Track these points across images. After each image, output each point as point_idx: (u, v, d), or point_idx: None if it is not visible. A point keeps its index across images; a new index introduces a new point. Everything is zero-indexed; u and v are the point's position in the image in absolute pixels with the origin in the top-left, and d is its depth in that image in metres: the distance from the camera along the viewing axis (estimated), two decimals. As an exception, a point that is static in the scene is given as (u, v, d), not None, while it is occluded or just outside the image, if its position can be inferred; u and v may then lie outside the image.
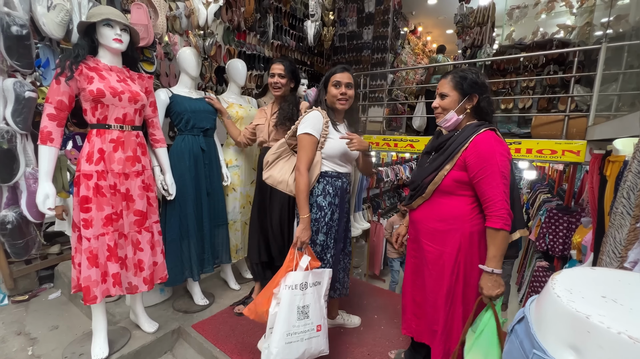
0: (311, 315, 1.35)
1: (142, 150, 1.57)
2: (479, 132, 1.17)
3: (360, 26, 5.51)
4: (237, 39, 3.25)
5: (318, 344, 1.37)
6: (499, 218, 1.10)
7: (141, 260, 1.58)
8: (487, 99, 1.22)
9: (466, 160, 1.17)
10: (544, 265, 3.59)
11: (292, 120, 1.75)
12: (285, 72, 1.83)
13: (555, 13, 4.41)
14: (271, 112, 1.92)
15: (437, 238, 1.26)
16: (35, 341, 1.90)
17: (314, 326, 1.35)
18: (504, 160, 1.13)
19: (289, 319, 1.30)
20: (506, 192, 1.11)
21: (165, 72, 2.75)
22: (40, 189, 1.37)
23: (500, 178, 1.11)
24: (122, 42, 1.46)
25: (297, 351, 1.31)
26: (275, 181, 1.54)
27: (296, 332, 1.31)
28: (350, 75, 1.49)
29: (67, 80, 1.35)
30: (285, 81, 1.84)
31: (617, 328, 0.34)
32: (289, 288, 1.31)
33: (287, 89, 1.87)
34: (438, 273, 1.27)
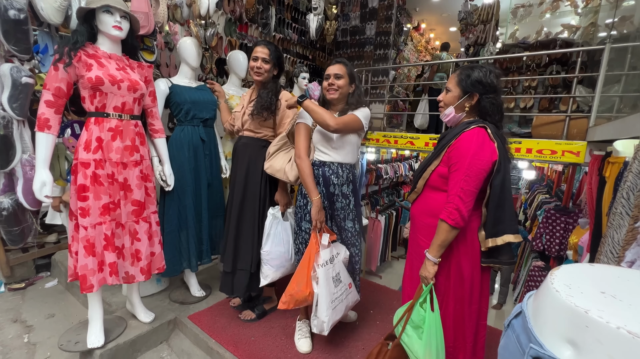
0: (343, 278, 1.58)
1: (140, 139, 1.56)
2: (467, 129, 1.17)
3: (364, 21, 5.46)
4: (239, 30, 3.22)
5: (353, 296, 1.64)
6: (445, 210, 1.15)
7: (138, 250, 1.57)
8: (491, 100, 1.19)
9: (448, 155, 1.19)
10: (540, 264, 3.61)
11: (269, 110, 1.64)
12: (270, 57, 1.66)
13: (560, 12, 4.37)
14: (249, 99, 1.76)
15: (430, 233, 1.26)
16: (32, 328, 1.91)
17: (346, 285, 1.60)
18: (475, 162, 1.12)
19: (329, 290, 1.50)
20: (464, 190, 1.12)
21: (166, 63, 2.72)
22: (37, 176, 1.36)
23: (463, 176, 1.12)
24: (122, 29, 1.44)
25: (340, 311, 1.56)
26: (274, 170, 1.63)
27: (337, 297, 1.54)
28: (342, 66, 1.52)
29: (66, 67, 1.33)
30: (269, 67, 1.68)
31: (616, 323, 0.34)
32: (322, 266, 1.48)
33: (269, 76, 1.70)
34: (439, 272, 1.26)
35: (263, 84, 1.71)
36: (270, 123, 1.71)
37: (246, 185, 1.74)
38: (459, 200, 1.12)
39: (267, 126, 1.72)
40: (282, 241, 1.70)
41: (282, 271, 1.74)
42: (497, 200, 1.16)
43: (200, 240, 1.96)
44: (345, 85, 1.52)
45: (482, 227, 1.21)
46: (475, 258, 1.23)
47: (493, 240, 1.18)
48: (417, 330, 1.19)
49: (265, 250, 1.69)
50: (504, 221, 1.17)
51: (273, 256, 1.69)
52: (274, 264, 1.70)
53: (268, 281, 1.72)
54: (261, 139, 1.74)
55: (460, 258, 1.23)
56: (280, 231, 1.70)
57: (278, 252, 1.69)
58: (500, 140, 1.17)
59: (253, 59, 1.67)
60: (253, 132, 1.73)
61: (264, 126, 1.71)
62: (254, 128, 1.72)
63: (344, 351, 1.67)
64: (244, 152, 1.75)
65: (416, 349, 1.16)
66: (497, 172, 1.14)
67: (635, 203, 1.09)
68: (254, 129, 1.72)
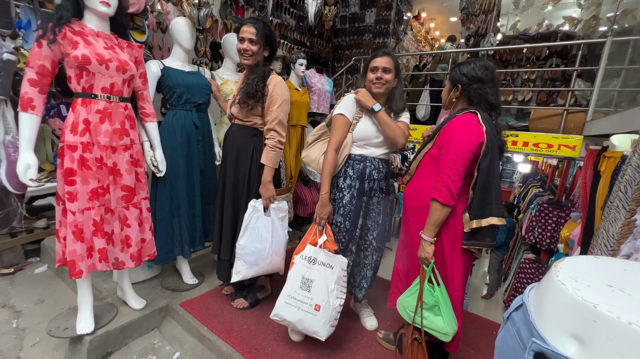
0: (312, 291, 1.43)
1: (130, 123, 1.51)
2: (459, 114, 1.24)
3: (363, 8, 5.34)
4: (235, 14, 3.12)
5: (313, 323, 1.41)
6: (436, 189, 1.20)
7: (128, 236, 1.54)
8: (475, 89, 1.25)
9: (439, 138, 1.27)
10: (531, 257, 3.66)
11: (254, 98, 1.54)
12: (257, 36, 1.51)
13: (562, 4, 4.31)
14: (240, 86, 1.66)
15: (419, 215, 1.32)
16: (20, 314, 1.88)
17: (313, 303, 1.42)
18: (462, 142, 1.17)
19: (292, 284, 1.46)
20: (452, 169, 1.17)
21: (159, 45, 2.63)
22: (21, 159, 1.30)
23: (451, 156, 1.18)
24: (110, 5, 1.37)
25: (291, 315, 1.44)
26: (310, 159, 1.64)
27: (295, 298, 1.44)
28: (390, 59, 1.47)
29: (50, 44, 1.26)
30: (257, 48, 1.53)
31: (627, 319, 0.33)
32: (300, 258, 1.47)
33: (259, 58, 1.57)
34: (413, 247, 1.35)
35: (251, 68, 1.59)
36: (259, 111, 1.62)
37: (235, 174, 1.69)
38: (448, 178, 1.18)
39: (255, 114, 1.63)
40: (259, 237, 1.60)
41: (256, 269, 1.65)
42: (483, 183, 1.20)
43: (193, 227, 1.93)
44: (392, 79, 1.49)
45: (466, 209, 1.25)
46: (457, 240, 1.27)
47: (477, 222, 1.21)
48: (432, 310, 1.24)
49: (240, 244, 1.60)
50: (490, 204, 1.21)
51: (247, 252, 1.60)
52: (248, 260, 1.61)
53: (239, 278, 1.64)
54: (250, 127, 1.66)
55: (442, 241, 1.27)
56: (260, 226, 1.61)
57: (253, 248, 1.60)
58: (491, 127, 1.21)
59: (239, 40, 1.55)
60: (242, 120, 1.66)
61: (251, 114, 1.63)
62: (242, 117, 1.65)
63: (335, 340, 1.68)
64: (232, 140, 1.69)
65: (440, 326, 1.22)
66: (485, 155, 1.19)
67: (633, 197, 1.08)
68: (242, 118, 1.65)
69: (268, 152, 1.60)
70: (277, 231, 1.67)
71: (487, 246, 1.24)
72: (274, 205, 1.67)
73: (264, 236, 1.61)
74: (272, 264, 1.69)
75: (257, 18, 1.66)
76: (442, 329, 1.21)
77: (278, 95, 1.56)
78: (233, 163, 1.69)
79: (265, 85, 1.57)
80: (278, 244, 1.68)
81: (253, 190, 1.68)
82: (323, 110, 2.97)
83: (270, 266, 1.69)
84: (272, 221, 1.64)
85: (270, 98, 1.58)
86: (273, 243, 1.64)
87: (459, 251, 1.27)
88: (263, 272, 1.70)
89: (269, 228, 1.63)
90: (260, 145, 1.66)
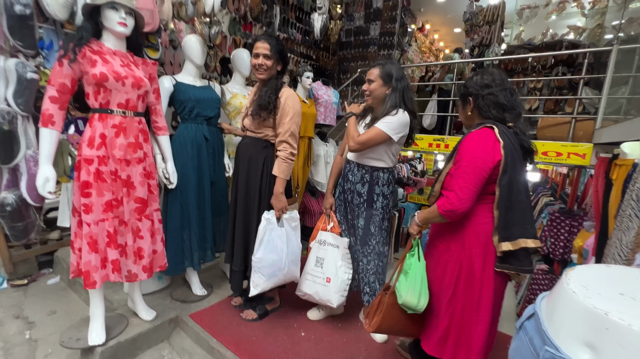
0: (324, 267, 1.73)
1: (144, 136, 1.56)
2: (474, 129, 1.20)
3: (368, 21, 5.45)
4: (243, 29, 3.22)
5: (326, 293, 1.71)
6: (441, 198, 1.21)
7: (141, 248, 1.56)
8: (485, 97, 1.20)
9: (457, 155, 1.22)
10: (544, 268, 3.57)
11: (267, 109, 1.57)
12: (271, 51, 1.57)
13: (566, 14, 4.35)
14: (252, 99, 1.70)
15: (446, 234, 1.29)
16: (33, 325, 1.90)
17: (324, 277, 1.72)
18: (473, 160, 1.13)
19: (309, 264, 1.78)
20: (461, 186, 1.14)
21: (170, 61, 2.73)
22: (41, 172, 1.36)
23: (461, 172, 1.15)
24: (127, 26, 1.44)
25: (310, 288, 1.76)
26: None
27: (312, 274, 1.76)
28: (375, 69, 1.59)
29: (70, 63, 1.32)
30: (272, 63, 1.59)
31: (639, 326, 0.33)
32: (315, 242, 1.79)
33: (273, 72, 1.62)
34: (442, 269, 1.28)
35: (265, 82, 1.64)
36: (270, 123, 1.63)
37: (247, 186, 1.70)
38: (454, 194, 1.14)
39: (267, 126, 1.65)
40: (275, 248, 1.62)
41: (274, 281, 1.67)
42: (505, 202, 1.13)
43: (203, 239, 1.95)
44: (377, 88, 1.58)
45: (495, 231, 1.16)
46: (490, 262, 1.18)
47: (506, 245, 1.13)
48: (405, 275, 1.31)
49: (257, 257, 1.61)
50: (516, 224, 1.13)
51: (265, 264, 1.62)
52: (266, 273, 1.63)
53: (258, 291, 1.65)
54: (262, 139, 1.68)
55: (473, 260, 1.20)
56: (274, 237, 1.62)
57: (270, 260, 1.61)
58: (510, 139, 1.14)
59: (254, 56, 1.59)
60: (254, 132, 1.69)
61: (263, 126, 1.65)
62: (255, 129, 1.67)
63: (345, 352, 1.66)
64: (245, 152, 1.72)
65: (401, 290, 1.28)
66: (504, 173, 1.12)
67: (646, 206, 1.07)
68: (255, 129, 1.68)
69: (280, 163, 1.61)
70: (292, 241, 1.71)
71: (524, 271, 1.15)
72: (287, 216, 1.68)
73: (279, 248, 1.63)
74: (289, 273, 1.72)
75: (270, 34, 1.76)
76: (401, 293, 1.27)
77: (290, 108, 1.59)
78: (245, 175, 1.70)
79: (278, 97, 1.60)
80: (293, 253, 1.72)
81: (264, 201, 1.69)
82: (330, 122, 3.01)
83: (288, 276, 1.72)
84: (286, 231, 1.67)
85: (282, 110, 1.60)
86: (289, 253, 1.67)
87: (491, 273, 1.18)
88: (281, 282, 1.73)
89: (284, 238, 1.66)
90: (271, 157, 1.67)
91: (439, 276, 1.30)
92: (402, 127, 1.56)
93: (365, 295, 1.73)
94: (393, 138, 1.54)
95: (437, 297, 1.30)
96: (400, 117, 1.54)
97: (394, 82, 1.56)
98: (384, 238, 1.71)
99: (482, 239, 1.18)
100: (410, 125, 1.59)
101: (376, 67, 1.59)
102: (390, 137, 1.53)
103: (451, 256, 1.25)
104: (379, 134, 1.53)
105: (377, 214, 1.66)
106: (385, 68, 1.57)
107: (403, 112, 1.55)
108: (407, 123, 1.57)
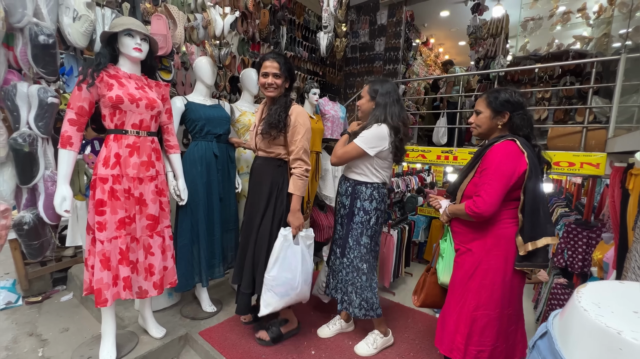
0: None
1: (156, 155, 1.60)
2: (497, 142, 1.28)
3: (373, 37, 5.57)
4: (252, 49, 3.33)
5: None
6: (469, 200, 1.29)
7: (152, 264, 1.58)
8: (521, 115, 1.31)
9: (480, 166, 1.30)
10: (563, 282, 3.43)
11: (277, 128, 1.56)
12: (280, 70, 1.56)
13: (571, 24, 4.35)
14: (260, 117, 1.70)
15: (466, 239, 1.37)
16: (46, 342, 1.92)
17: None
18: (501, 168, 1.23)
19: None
20: (488, 192, 1.23)
21: (182, 81, 2.83)
22: (58, 191, 1.41)
23: (488, 179, 1.24)
24: (142, 51, 1.51)
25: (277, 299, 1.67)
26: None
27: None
28: (365, 86, 1.69)
29: (89, 87, 1.39)
30: (281, 81, 1.59)
31: (653, 346, 0.32)
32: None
33: (282, 90, 1.62)
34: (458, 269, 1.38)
35: (274, 100, 1.63)
36: (281, 141, 1.62)
37: (259, 206, 1.67)
38: (481, 199, 1.23)
39: (278, 144, 1.63)
40: (290, 266, 1.59)
41: (286, 300, 1.63)
42: (531, 205, 1.23)
43: (212, 254, 1.97)
44: (365, 103, 1.69)
45: (519, 233, 1.27)
46: (510, 261, 1.28)
47: (533, 244, 1.23)
48: (441, 258, 1.52)
49: (271, 275, 1.57)
50: (541, 225, 1.25)
51: (278, 283, 1.57)
52: (279, 291, 1.59)
53: (269, 311, 1.61)
54: (274, 158, 1.66)
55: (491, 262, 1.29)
56: (290, 255, 1.60)
57: (284, 278, 1.58)
58: (531, 150, 1.26)
59: (263, 75, 1.59)
60: (266, 151, 1.67)
61: (274, 144, 1.63)
62: (265, 147, 1.66)
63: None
64: (258, 173, 1.71)
65: (439, 271, 1.52)
66: (529, 179, 1.23)
67: (664, 217, 1.03)
68: (266, 148, 1.66)
69: (296, 181, 1.60)
70: (306, 260, 1.67)
71: (541, 266, 1.27)
72: (302, 233, 1.66)
73: (294, 266, 1.60)
74: (301, 293, 1.68)
75: (278, 52, 1.71)
76: (440, 274, 1.52)
77: (301, 125, 1.59)
78: (258, 195, 1.68)
79: (288, 115, 1.59)
80: (306, 272, 1.68)
81: (276, 220, 1.65)
82: (337, 136, 3.04)
83: (300, 295, 1.68)
84: (301, 249, 1.64)
85: (294, 128, 1.59)
86: (302, 271, 1.64)
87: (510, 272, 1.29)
88: (292, 302, 1.69)
89: (299, 256, 1.62)
90: (285, 175, 1.66)
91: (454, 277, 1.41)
92: (377, 140, 1.56)
93: (343, 303, 1.75)
94: (368, 152, 1.56)
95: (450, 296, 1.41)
96: (374, 131, 1.56)
97: (378, 97, 1.61)
98: (363, 255, 1.68)
99: (502, 241, 1.28)
100: (394, 139, 1.58)
101: (367, 84, 1.69)
102: (364, 151, 1.57)
103: (470, 257, 1.33)
104: (353, 148, 1.60)
105: (355, 228, 1.67)
106: (373, 85, 1.65)
107: (379, 125, 1.57)
108: (384, 137, 1.56)
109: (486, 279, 1.28)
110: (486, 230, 1.30)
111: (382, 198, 1.68)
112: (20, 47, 1.40)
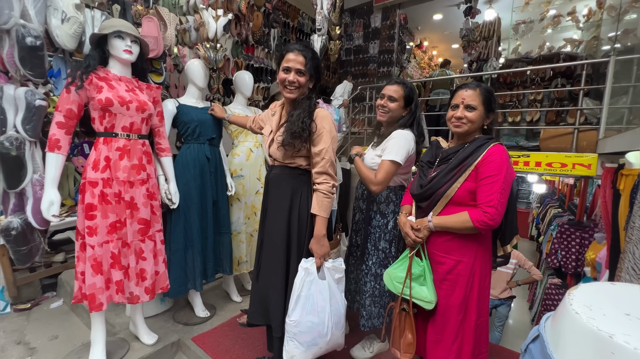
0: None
1: (147, 158, 1.58)
2: (491, 145, 1.19)
3: (367, 40, 5.60)
4: (245, 52, 3.33)
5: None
6: (478, 214, 1.13)
7: (143, 269, 1.56)
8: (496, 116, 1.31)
9: (479, 169, 1.17)
10: (557, 282, 3.47)
11: (301, 138, 1.24)
12: (306, 67, 1.25)
13: (562, 27, 4.42)
14: (278, 123, 1.38)
15: (448, 249, 1.25)
16: (35, 351, 1.87)
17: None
18: (509, 176, 1.18)
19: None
20: (501, 202, 1.13)
21: (175, 84, 2.81)
22: (46, 196, 1.38)
23: (500, 189, 1.14)
24: (132, 53, 1.49)
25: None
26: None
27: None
28: (399, 88, 1.51)
29: (77, 89, 1.37)
30: (305, 80, 1.27)
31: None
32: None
33: (304, 90, 1.30)
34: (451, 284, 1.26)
35: (294, 102, 1.31)
36: (304, 152, 1.30)
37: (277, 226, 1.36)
38: (495, 211, 1.12)
39: (301, 155, 1.31)
40: (315, 308, 1.24)
41: (315, 350, 1.27)
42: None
43: (205, 258, 1.94)
44: (397, 108, 1.52)
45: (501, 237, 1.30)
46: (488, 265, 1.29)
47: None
48: (418, 280, 1.26)
49: (292, 320, 1.24)
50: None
51: (302, 329, 1.24)
52: (303, 340, 1.25)
53: None
54: (294, 168, 1.35)
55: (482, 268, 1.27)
56: (314, 293, 1.24)
57: (309, 324, 1.24)
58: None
59: (284, 70, 1.27)
60: (282, 162, 1.35)
61: (297, 156, 1.31)
62: (283, 159, 1.33)
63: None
64: (275, 186, 1.39)
65: (425, 295, 1.24)
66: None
67: (654, 217, 1.04)
68: (283, 160, 1.34)
69: (321, 199, 1.27)
70: (335, 298, 1.30)
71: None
72: (329, 264, 1.31)
73: (320, 306, 1.25)
74: (333, 340, 1.31)
75: (306, 44, 1.36)
76: (427, 298, 1.24)
77: (327, 132, 1.27)
78: (275, 214, 1.37)
79: (312, 121, 1.27)
80: (337, 314, 1.30)
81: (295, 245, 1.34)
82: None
83: (331, 343, 1.31)
84: (328, 285, 1.28)
85: (319, 136, 1.27)
86: (332, 313, 1.27)
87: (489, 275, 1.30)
88: (323, 352, 1.32)
89: (326, 294, 1.26)
90: (307, 188, 1.35)
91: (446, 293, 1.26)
92: (406, 146, 1.47)
93: (362, 319, 1.60)
94: (401, 162, 1.47)
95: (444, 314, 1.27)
96: (400, 138, 1.47)
97: (413, 106, 1.54)
98: (382, 260, 1.58)
99: (484, 245, 1.27)
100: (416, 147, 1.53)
101: (399, 86, 1.50)
102: (399, 163, 1.46)
103: (464, 268, 1.23)
104: (389, 166, 1.44)
105: (373, 232, 1.59)
106: (408, 90, 1.52)
107: (403, 129, 1.51)
108: (410, 139, 1.50)
109: (481, 285, 1.26)
110: (475, 239, 1.22)
111: (400, 201, 1.55)
112: (7, 48, 1.38)
